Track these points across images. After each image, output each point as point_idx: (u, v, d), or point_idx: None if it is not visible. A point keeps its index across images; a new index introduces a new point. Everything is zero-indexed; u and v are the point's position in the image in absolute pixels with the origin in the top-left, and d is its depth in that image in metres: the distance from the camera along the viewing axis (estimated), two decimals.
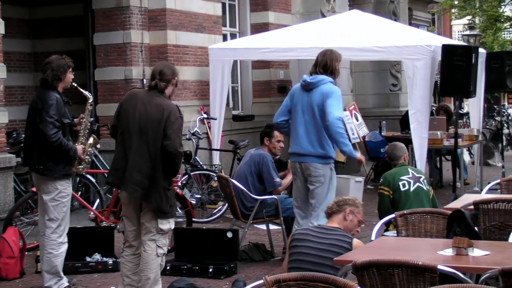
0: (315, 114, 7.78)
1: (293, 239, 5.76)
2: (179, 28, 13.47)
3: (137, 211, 6.89)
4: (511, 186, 8.22)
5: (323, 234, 5.68)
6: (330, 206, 6.04)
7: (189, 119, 13.15)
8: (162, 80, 6.82)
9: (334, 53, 8.05)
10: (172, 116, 6.69)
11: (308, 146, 7.84)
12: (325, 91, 7.75)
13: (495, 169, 17.49)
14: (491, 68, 13.89)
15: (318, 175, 7.80)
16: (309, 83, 7.90)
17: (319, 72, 7.90)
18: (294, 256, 5.63)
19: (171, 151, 6.64)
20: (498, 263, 4.61)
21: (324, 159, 7.83)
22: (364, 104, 19.68)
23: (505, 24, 35.98)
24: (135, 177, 6.69)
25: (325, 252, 5.49)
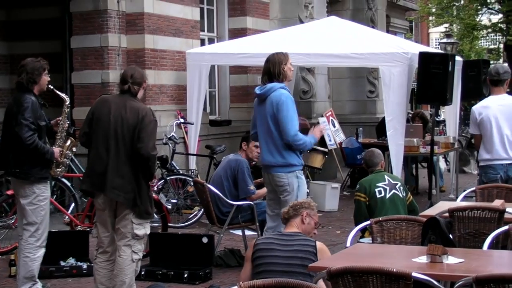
0: (270, 126, 7.66)
1: (256, 249, 5.67)
2: (156, 32, 13.45)
3: (112, 217, 6.87)
4: (486, 194, 8.26)
5: (286, 241, 5.65)
6: (286, 211, 5.99)
7: (166, 123, 13.14)
8: (134, 83, 6.83)
9: (277, 56, 7.80)
10: (146, 119, 6.70)
11: (269, 157, 7.73)
12: (274, 101, 7.60)
13: (470, 177, 17.58)
14: (467, 76, 13.95)
15: (283, 184, 7.69)
16: (259, 95, 7.77)
17: (264, 80, 7.76)
18: (262, 267, 5.56)
19: (144, 154, 6.64)
20: (472, 270, 4.63)
21: (287, 168, 7.68)
22: (341, 111, 19.74)
23: (482, 32, 36.21)
24: (116, 182, 6.68)
25: (292, 259, 5.47)
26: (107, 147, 6.73)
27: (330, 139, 15.95)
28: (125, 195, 6.70)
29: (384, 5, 22.42)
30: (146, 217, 6.86)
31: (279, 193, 7.79)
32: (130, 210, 6.76)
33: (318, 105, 17.29)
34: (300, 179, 7.77)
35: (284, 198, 7.70)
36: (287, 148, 7.68)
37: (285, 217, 5.99)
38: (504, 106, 8.91)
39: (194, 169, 13.02)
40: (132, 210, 6.75)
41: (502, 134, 8.85)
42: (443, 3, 33.82)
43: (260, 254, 5.65)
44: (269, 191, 8.04)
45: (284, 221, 6.04)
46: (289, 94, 7.73)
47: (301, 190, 7.77)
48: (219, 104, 16.41)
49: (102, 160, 6.75)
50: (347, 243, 6.21)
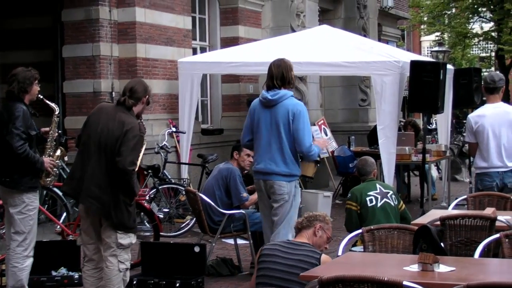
0: (280, 133, 7.56)
1: (261, 254, 5.73)
2: (148, 41, 13.45)
3: (96, 225, 6.85)
4: (477, 202, 8.27)
5: (291, 249, 5.67)
6: (300, 221, 6.01)
7: (157, 132, 13.14)
8: (131, 97, 6.78)
9: (287, 62, 7.72)
10: (130, 133, 6.62)
11: (272, 164, 7.62)
12: (291, 109, 7.51)
13: (462, 185, 17.60)
14: (459, 84, 13.98)
15: (283, 192, 7.63)
16: (270, 100, 7.62)
17: (277, 85, 7.62)
18: (262, 272, 5.61)
19: (120, 167, 6.56)
20: (463, 279, 4.63)
21: (289, 177, 7.65)
22: (333, 119, 19.77)
23: (473, 40, 36.31)
24: (93, 190, 6.67)
25: (293, 268, 5.48)
26: (89, 154, 6.73)
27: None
28: (98, 205, 6.67)
29: (375, 14, 22.47)
30: (124, 230, 6.77)
31: (274, 201, 7.70)
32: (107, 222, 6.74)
33: (310, 113, 16.98)
34: (297, 188, 7.80)
35: (279, 206, 7.66)
36: (293, 158, 7.63)
37: (298, 227, 6.01)
38: (500, 114, 8.93)
39: (186, 178, 13.02)
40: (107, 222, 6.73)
41: (498, 142, 8.87)
42: (434, 11, 33.94)
43: (263, 259, 5.70)
44: (261, 199, 8.00)
45: (297, 231, 6.05)
46: (303, 105, 7.72)
47: (296, 199, 7.77)
48: (211, 113, 16.42)
49: (83, 168, 6.75)
50: (338, 252, 6.21)
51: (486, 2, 31.53)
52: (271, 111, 7.62)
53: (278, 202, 7.68)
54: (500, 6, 30.42)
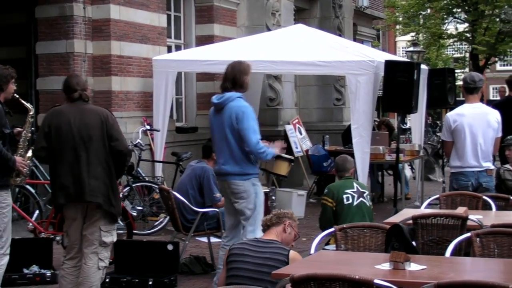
0: (227, 135, 7.61)
1: (230, 254, 5.70)
2: (123, 39, 13.41)
3: (81, 224, 6.86)
4: (449, 201, 8.32)
5: (260, 247, 5.66)
6: (269, 218, 6.00)
7: (132, 130, 13.10)
8: (83, 90, 6.93)
9: (242, 65, 7.74)
10: (110, 119, 6.81)
11: (225, 165, 7.69)
12: (234, 111, 7.55)
13: (436, 184, 17.69)
14: (433, 85, 14.04)
15: (240, 191, 7.66)
16: (217, 104, 7.69)
17: (228, 87, 7.67)
18: (232, 272, 5.59)
19: (122, 149, 6.77)
20: (434, 277, 4.65)
21: (243, 176, 7.67)
22: (308, 118, 19.79)
23: (448, 41, 36.51)
24: (93, 184, 6.72)
25: (262, 266, 5.47)
26: (76, 155, 6.74)
27: (297, 146, 15.98)
28: (102, 197, 6.74)
29: (351, 14, 22.52)
30: (117, 220, 6.88)
31: (234, 201, 7.74)
32: (101, 217, 6.75)
33: (284, 112, 17.31)
34: (257, 186, 7.75)
35: (239, 205, 7.68)
36: (244, 157, 7.66)
37: (267, 224, 6.00)
38: (478, 114, 8.98)
39: (160, 176, 12.98)
40: (105, 215, 6.75)
41: (475, 142, 8.91)
42: (409, 12, 34.10)
43: (232, 258, 5.68)
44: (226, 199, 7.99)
45: (265, 228, 6.04)
46: (248, 104, 7.72)
47: (259, 197, 7.76)
48: (186, 111, 16.39)
49: (73, 170, 6.75)
50: (311, 250, 6.22)
51: (461, 3, 31.72)
52: (220, 114, 7.67)
53: (237, 202, 7.71)
54: (474, 7, 30.62)
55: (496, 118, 9.04)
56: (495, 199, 8.22)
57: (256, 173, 7.82)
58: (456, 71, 25.19)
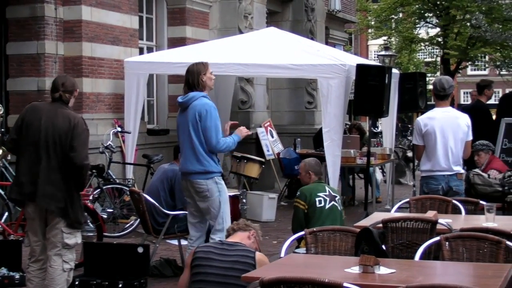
0: (191, 133, 7.72)
1: (195, 258, 5.66)
2: (94, 40, 13.34)
3: (43, 226, 6.82)
4: (419, 205, 8.36)
5: (225, 250, 5.64)
6: (238, 223, 6.05)
7: (102, 132, 13.03)
8: (65, 91, 6.82)
9: (196, 66, 7.88)
10: (79, 128, 6.71)
11: (187, 164, 7.80)
12: (197, 110, 7.68)
13: (406, 188, 17.78)
14: (404, 89, 14.13)
15: (202, 190, 7.75)
16: (181, 103, 7.85)
17: (186, 90, 7.83)
18: (199, 277, 5.56)
19: (77, 162, 6.64)
20: (403, 281, 4.68)
21: (205, 174, 7.77)
22: (279, 121, 19.82)
23: (419, 45, 36.74)
24: (48, 190, 6.64)
25: (230, 270, 5.46)
26: (38, 155, 6.68)
27: (268, 149, 16.00)
28: (56, 203, 6.66)
29: (323, 17, 22.59)
30: (77, 227, 6.82)
31: (199, 200, 7.83)
32: (61, 219, 6.71)
33: (256, 115, 17.32)
34: (220, 184, 7.84)
35: (204, 205, 7.77)
36: (207, 156, 7.75)
37: (234, 228, 6.00)
38: (449, 118, 9.03)
39: (131, 178, 12.94)
40: (63, 219, 6.70)
41: (446, 146, 8.96)
42: (381, 16, 34.28)
43: (198, 262, 5.64)
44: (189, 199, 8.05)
45: (232, 231, 6.03)
46: (212, 103, 7.81)
47: (223, 196, 7.85)
48: (157, 113, 16.34)
49: (32, 169, 6.69)
50: (281, 253, 6.22)
51: (432, 8, 31.93)
52: (185, 113, 7.81)
53: (201, 201, 7.82)
54: (446, 12, 30.85)
55: (466, 122, 9.10)
56: (464, 203, 8.28)
57: (219, 172, 7.90)
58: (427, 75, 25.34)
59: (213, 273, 5.52)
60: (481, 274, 5.21)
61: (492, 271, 5.12)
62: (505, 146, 12.20)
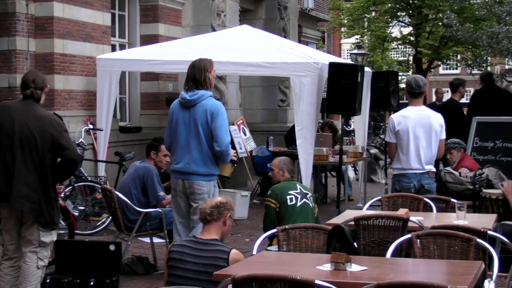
0: (199, 133, 7.62)
1: (170, 257, 5.62)
2: (66, 37, 13.27)
3: (18, 225, 6.77)
4: (391, 203, 8.39)
5: (199, 251, 5.55)
6: (209, 213, 5.77)
7: (74, 129, 12.96)
8: (37, 88, 6.73)
9: (202, 62, 7.77)
10: (58, 126, 6.67)
11: (191, 164, 7.67)
12: (209, 109, 7.58)
13: (378, 186, 17.85)
14: (376, 87, 14.19)
15: (202, 192, 7.67)
16: (189, 101, 7.68)
17: (192, 86, 7.69)
18: (173, 279, 5.53)
19: (74, 158, 6.69)
20: (374, 278, 4.69)
21: (208, 177, 7.72)
22: (252, 119, 19.82)
23: (392, 44, 36.87)
24: (22, 190, 6.58)
25: (202, 274, 5.40)
26: (13, 156, 6.62)
27: (241, 147, 15.99)
28: (31, 205, 6.60)
29: (296, 16, 22.62)
30: (52, 227, 6.77)
31: (193, 201, 7.74)
32: (36, 220, 6.65)
33: (229, 113, 17.17)
34: (216, 187, 7.87)
35: (198, 205, 7.63)
36: (212, 157, 7.69)
37: (208, 218, 5.77)
38: (422, 117, 9.07)
39: (103, 175, 12.87)
40: (38, 220, 6.65)
41: (418, 144, 8.99)
42: (354, 14, 34.36)
43: (172, 263, 5.61)
44: (175, 198, 7.98)
45: (206, 222, 5.80)
46: (222, 104, 7.73)
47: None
48: (130, 111, 16.28)
49: (7, 170, 6.63)
50: (253, 251, 6.22)
51: (405, 7, 32.06)
52: (190, 111, 7.67)
53: (197, 202, 7.68)
54: (418, 11, 30.99)
55: (439, 121, 9.15)
56: (435, 201, 8.32)
57: (217, 175, 7.87)
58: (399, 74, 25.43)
59: (186, 277, 5.48)
60: (451, 271, 5.24)
61: (462, 268, 5.15)
62: (476, 144, 12.29)
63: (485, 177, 10.06)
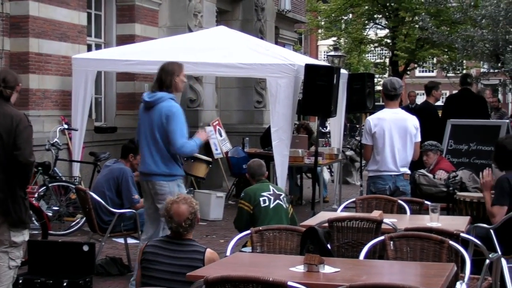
0: (155, 135, 7.65)
1: (143, 258, 5.59)
2: (42, 36, 13.19)
3: None
4: (365, 205, 8.42)
5: (174, 251, 5.52)
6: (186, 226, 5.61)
7: (49, 129, 12.90)
8: (7, 87, 6.67)
9: (171, 65, 7.78)
10: (21, 125, 6.57)
11: (152, 165, 7.70)
12: (164, 112, 7.59)
13: (354, 188, 17.90)
14: (352, 89, 14.22)
15: (164, 192, 7.66)
16: (147, 102, 7.72)
17: (156, 88, 7.72)
18: (146, 279, 5.50)
19: (22, 160, 6.51)
20: (347, 279, 4.70)
21: (169, 177, 7.72)
22: (228, 120, 19.81)
23: (369, 46, 37.01)
24: None
25: (177, 275, 5.38)
26: None
27: (217, 148, 15.98)
28: None
29: (273, 17, 22.64)
30: (21, 226, 6.70)
31: (158, 202, 7.74)
32: (5, 220, 6.61)
33: (205, 114, 17.29)
34: (181, 187, 7.80)
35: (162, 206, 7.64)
36: (171, 158, 7.69)
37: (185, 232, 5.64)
38: (398, 120, 9.11)
39: (77, 176, 12.81)
40: (6, 220, 6.60)
41: (393, 146, 9.03)
42: (331, 16, 34.44)
43: (146, 264, 5.58)
44: (147, 200, 7.99)
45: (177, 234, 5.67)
46: (179, 106, 7.72)
47: None
48: (105, 111, 16.22)
49: None
50: (227, 252, 6.21)
51: (382, 10, 32.19)
52: (150, 113, 7.70)
53: (161, 203, 7.66)
54: (395, 14, 31.13)
55: (414, 124, 9.19)
56: (409, 203, 8.36)
57: (181, 174, 7.85)
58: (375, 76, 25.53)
59: (161, 278, 5.46)
60: (424, 273, 5.26)
61: (435, 270, 5.17)
62: (450, 147, 12.36)
63: (459, 179, 10.12)
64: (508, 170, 7.80)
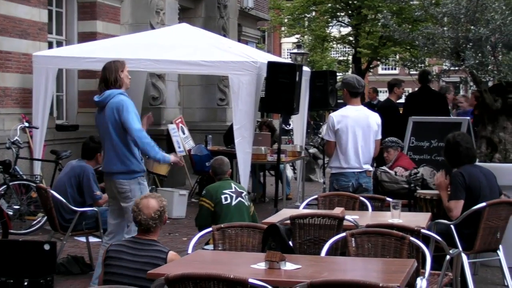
0: (110, 132, 7.62)
1: (107, 256, 5.59)
2: (1, 33, 13.06)
3: None
4: (327, 202, 8.44)
5: (138, 250, 5.55)
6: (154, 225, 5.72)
7: (9, 127, 12.79)
8: None
9: (113, 64, 7.77)
10: None
11: (110, 164, 7.71)
12: (115, 106, 7.57)
13: (317, 185, 17.94)
14: (315, 87, 14.24)
15: (125, 191, 7.66)
16: (97, 103, 7.73)
17: (103, 87, 7.71)
18: (108, 276, 5.50)
19: None
20: (308, 276, 4.70)
21: (129, 174, 7.69)
22: (191, 118, 19.77)
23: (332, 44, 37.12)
24: None
25: (140, 272, 5.38)
26: None
27: (180, 146, 15.93)
28: None
29: (236, 14, 22.62)
30: None
31: (121, 200, 7.73)
32: None
33: (168, 111, 17.24)
34: (142, 185, 7.76)
35: (126, 205, 7.64)
36: (129, 154, 7.65)
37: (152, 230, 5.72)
38: (361, 117, 9.16)
39: (38, 174, 12.71)
40: None
41: (356, 143, 9.07)
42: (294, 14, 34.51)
43: (109, 262, 5.58)
44: (110, 198, 7.97)
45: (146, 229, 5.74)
46: (128, 98, 7.69)
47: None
48: (67, 109, 16.11)
49: None
50: (188, 250, 6.20)
51: (345, 7, 32.31)
52: (103, 113, 7.70)
53: (123, 201, 7.71)
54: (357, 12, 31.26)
55: (376, 121, 9.25)
56: (371, 200, 8.40)
57: (142, 171, 7.82)
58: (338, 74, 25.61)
59: (123, 274, 5.47)
60: (385, 269, 5.28)
61: (395, 266, 5.20)
62: (412, 144, 12.42)
63: (420, 176, 10.18)
64: (460, 166, 7.90)
